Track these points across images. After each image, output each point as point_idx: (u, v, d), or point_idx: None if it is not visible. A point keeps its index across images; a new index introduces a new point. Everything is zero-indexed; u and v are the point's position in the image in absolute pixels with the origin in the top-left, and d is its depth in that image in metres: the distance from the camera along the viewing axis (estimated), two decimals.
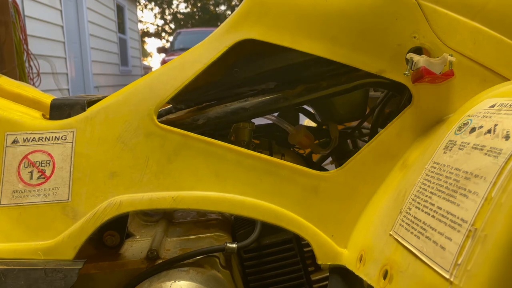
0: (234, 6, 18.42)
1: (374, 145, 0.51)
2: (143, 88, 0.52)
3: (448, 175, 0.36)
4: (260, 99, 0.57)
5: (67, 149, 0.50)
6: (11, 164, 0.49)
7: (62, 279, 0.48)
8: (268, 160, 0.50)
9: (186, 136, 0.51)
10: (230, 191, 0.50)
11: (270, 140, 0.62)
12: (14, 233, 0.48)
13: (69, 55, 5.59)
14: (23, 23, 3.15)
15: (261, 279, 0.60)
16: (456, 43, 0.50)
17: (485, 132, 0.35)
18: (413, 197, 0.40)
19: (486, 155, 0.33)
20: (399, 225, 0.40)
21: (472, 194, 0.32)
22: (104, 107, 0.51)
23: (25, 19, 3.90)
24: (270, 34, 0.51)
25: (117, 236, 0.56)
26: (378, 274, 0.39)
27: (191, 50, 0.53)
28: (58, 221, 0.49)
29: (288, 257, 0.60)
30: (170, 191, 0.50)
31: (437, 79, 0.47)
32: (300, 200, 0.50)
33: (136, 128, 0.51)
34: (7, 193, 0.48)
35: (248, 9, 0.52)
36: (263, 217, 0.50)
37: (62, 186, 0.49)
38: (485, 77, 0.51)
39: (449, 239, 0.32)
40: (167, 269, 0.54)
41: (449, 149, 0.39)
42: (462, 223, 0.32)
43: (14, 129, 0.50)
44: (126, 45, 9.07)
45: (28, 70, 3.27)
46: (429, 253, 0.34)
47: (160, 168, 0.50)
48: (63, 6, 5.42)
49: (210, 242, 0.59)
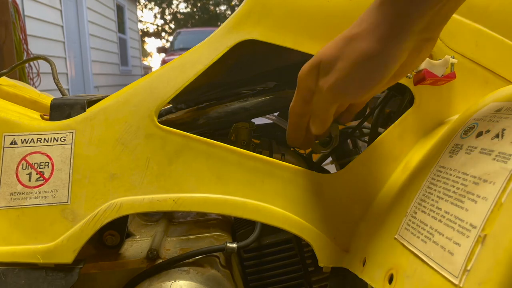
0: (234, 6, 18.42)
1: (376, 147, 0.50)
2: (143, 89, 0.51)
3: (455, 179, 0.36)
4: (260, 99, 0.57)
5: (66, 150, 0.49)
6: (9, 165, 0.49)
7: (63, 278, 0.48)
8: (270, 162, 0.50)
9: (187, 138, 0.50)
10: (232, 193, 0.50)
11: (270, 140, 0.62)
12: (12, 236, 0.48)
13: (69, 55, 5.59)
14: (23, 23, 3.14)
15: (261, 279, 0.60)
16: (458, 45, 0.50)
17: (493, 137, 0.35)
18: (419, 201, 0.39)
19: (495, 160, 0.33)
20: (404, 229, 0.39)
21: (481, 199, 0.32)
22: (103, 108, 0.51)
23: (25, 19, 3.89)
24: (272, 35, 0.50)
25: (117, 236, 0.55)
26: (383, 278, 0.39)
27: (191, 51, 0.52)
28: (57, 223, 0.48)
29: (288, 257, 0.60)
30: (171, 193, 0.49)
31: (439, 81, 0.47)
32: (302, 202, 0.50)
33: (136, 130, 0.50)
34: (5, 195, 0.48)
35: (249, 10, 0.51)
36: (265, 219, 0.49)
37: (61, 188, 0.49)
38: (487, 79, 0.51)
39: (457, 244, 0.32)
40: (167, 269, 0.53)
41: (455, 153, 0.38)
42: (471, 229, 0.31)
43: (12, 130, 0.50)
44: (126, 45, 9.07)
45: (28, 70, 3.26)
46: (436, 258, 0.33)
47: (161, 170, 0.50)
48: (63, 6, 5.42)
49: (210, 242, 0.59)
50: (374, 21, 0.37)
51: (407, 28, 0.36)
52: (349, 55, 0.39)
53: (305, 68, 0.44)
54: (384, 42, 0.37)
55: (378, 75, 0.38)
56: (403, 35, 0.37)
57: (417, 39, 0.38)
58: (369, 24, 0.38)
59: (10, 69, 0.68)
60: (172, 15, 21.01)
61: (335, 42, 0.41)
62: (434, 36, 0.40)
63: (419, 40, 0.38)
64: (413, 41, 0.38)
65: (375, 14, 0.38)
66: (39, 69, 3.34)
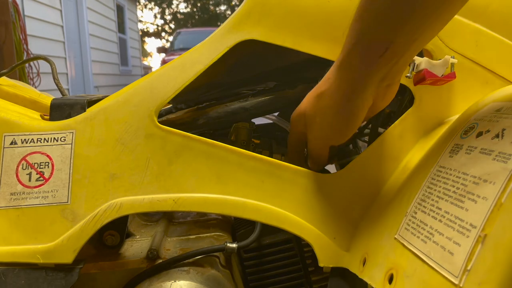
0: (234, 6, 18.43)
1: (376, 147, 0.50)
2: (143, 89, 0.51)
3: (455, 179, 0.36)
4: (260, 99, 0.57)
5: (66, 150, 0.49)
6: (9, 165, 0.48)
7: (63, 278, 0.48)
8: (270, 162, 0.50)
9: (187, 138, 0.50)
10: (232, 193, 0.50)
11: (270, 140, 0.62)
12: (12, 236, 0.48)
13: (69, 55, 5.60)
14: (23, 23, 3.14)
15: (261, 279, 0.60)
16: (458, 45, 0.50)
17: (493, 137, 0.35)
18: (419, 201, 0.39)
19: (495, 160, 0.33)
20: (404, 229, 0.39)
21: (481, 199, 0.32)
22: (103, 108, 0.51)
23: (25, 19, 3.90)
24: (272, 35, 0.50)
25: (117, 235, 0.55)
26: (383, 278, 0.39)
27: (191, 51, 0.52)
28: (57, 223, 0.48)
29: (288, 257, 0.60)
30: (171, 193, 0.49)
31: (439, 81, 0.47)
32: (302, 202, 0.50)
33: (136, 130, 0.50)
34: (5, 195, 0.48)
35: (249, 9, 0.51)
36: (265, 219, 0.49)
37: (61, 188, 0.49)
38: (487, 79, 0.51)
39: (457, 244, 0.32)
40: (167, 269, 0.53)
41: (455, 153, 0.38)
42: (471, 229, 0.31)
43: (12, 130, 0.49)
44: (126, 45, 9.08)
45: (28, 70, 3.26)
46: (436, 258, 0.33)
47: (161, 170, 0.50)
48: (63, 6, 5.42)
49: (210, 242, 0.59)
50: (335, 80, 0.44)
51: (363, 85, 0.42)
52: (322, 110, 0.46)
53: (294, 116, 0.50)
54: (346, 98, 0.43)
55: (350, 123, 0.45)
56: (362, 90, 0.42)
57: (378, 88, 0.43)
58: (332, 84, 0.44)
59: (10, 69, 0.68)
60: (172, 15, 21.02)
61: (311, 98, 0.47)
62: (394, 82, 0.44)
63: (381, 87, 0.43)
64: (373, 91, 0.43)
65: (336, 75, 0.44)
66: (39, 69, 3.34)
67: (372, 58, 0.39)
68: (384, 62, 0.40)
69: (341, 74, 0.43)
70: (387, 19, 0.37)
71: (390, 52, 0.39)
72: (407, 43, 0.39)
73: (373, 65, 0.40)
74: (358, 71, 0.41)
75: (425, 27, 0.38)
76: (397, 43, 0.38)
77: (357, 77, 0.41)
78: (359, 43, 0.40)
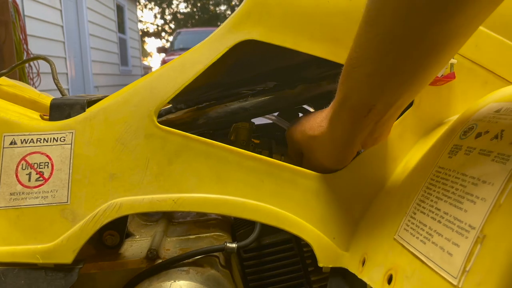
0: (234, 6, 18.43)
1: (376, 147, 0.50)
2: (143, 89, 0.51)
3: (454, 180, 0.36)
4: (260, 99, 0.57)
5: (66, 150, 0.49)
6: (9, 166, 0.49)
7: (63, 278, 0.48)
8: (269, 162, 0.50)
9: (187, 138, 0.50)
10: (231, 193, 0.50)
11: (270, 140, 0.62)
12: (11, 236, 0.48)
13: (69, 55, 5.59)
14: (23, 23, 3.14)
15: (261, 279, 0.60)
16: None
17: (492, 138, 0.35)
18: (418, 201, 0.39)
19: (494, 161, 0.33)
20: (403, 230, 0.39)
21: (480, 200, 0.32)
22: (103, 108, 0.51)
23: (25, 19, 3.89)
24: (272, 35, 0.50)
25: (117, 235, 0.55)
26: (383, 279, 0.39)
27: (191, 51, 0.52)
28: (57, 223, 0.48)
29: (288, 257, 0.60)
30: (170, 193, 0.49)
31: (438, 82, 0.47)
32: (301, 202, 0.50)
33: (136, 130, 0.50)
34: (5, 196, 0.48)
35: (249, 9, 0.51)
36: (265, 219, 0.49)
37: (61, 188, 0.49)
38: (487, 79, 0.51)
39: (456, 245, 0.32)
40: (167, 269, 0.53)
41: (454, 154, 0.38)
42: (470, 229, 0.31)
43: (11, 130, 0.50)
44: (126, 45, 9.07)
45: (28, 70, 3.26)
46: (436, 259, 0.33)
47: (160, 170, 0.50)
48: (63, 6, 5.42)
49: (210, 242, 0.59)
50: (328, 130, 0.47)
51: (352, 138, 0.45)
52: (315, 151, 0.50)
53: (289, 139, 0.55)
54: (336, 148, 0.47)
55: (340, 164, 0.50)
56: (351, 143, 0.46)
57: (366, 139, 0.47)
58: (323, 132, 0.48)
59: (10, 69, 0.68)
60: (172, 15, 21.01)
61: (305, 137, 0.51)
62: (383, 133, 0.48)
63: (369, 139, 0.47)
64: (363, 136, 0.45)
65: (328, 124, 0.47)
66: (39, 69, 3.34)
67: (357, 117, 0.43)
68: (368, 122, 0.43)
69: (332, 125, 0.46)
70: (367, 86, 0.40)
71: (372, 113, 0.42)
72: (388, 105, 0.41)
73: (358, 123, 0.43)
74: (347, 125, 0.44)
75: (403, 91, 0.40)
76: (379, 105, 0.41)
77: (347, 130, 0.45)
78: (346, 101, 0.43)
